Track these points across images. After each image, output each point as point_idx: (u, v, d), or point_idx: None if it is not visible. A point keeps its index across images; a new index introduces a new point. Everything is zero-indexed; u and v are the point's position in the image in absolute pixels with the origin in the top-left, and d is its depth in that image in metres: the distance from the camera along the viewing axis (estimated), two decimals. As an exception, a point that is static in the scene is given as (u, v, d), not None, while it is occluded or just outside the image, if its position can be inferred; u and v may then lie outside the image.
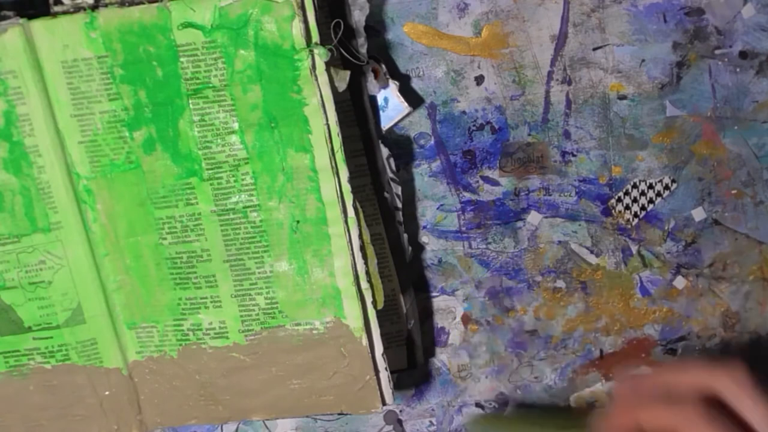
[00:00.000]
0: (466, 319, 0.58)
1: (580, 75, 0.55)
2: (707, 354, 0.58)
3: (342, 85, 0.49)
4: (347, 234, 0.50)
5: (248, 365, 0.53)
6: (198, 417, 0.55)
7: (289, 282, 0.51)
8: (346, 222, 0.50)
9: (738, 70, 0.54)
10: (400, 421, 0.59)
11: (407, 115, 0.54)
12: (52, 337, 0.53)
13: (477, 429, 0.58)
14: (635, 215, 0.56)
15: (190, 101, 0.49)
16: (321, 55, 0.47)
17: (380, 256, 0.53)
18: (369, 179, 0.54)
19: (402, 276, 0.55)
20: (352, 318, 0.51)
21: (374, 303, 0.51)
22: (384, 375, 0.52)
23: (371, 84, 0.52)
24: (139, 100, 0.49)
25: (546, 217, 0.57)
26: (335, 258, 0.51)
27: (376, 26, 0.53)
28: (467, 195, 0.56)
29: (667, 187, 0.56)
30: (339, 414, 0.59)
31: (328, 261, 0.51)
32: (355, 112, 0.53)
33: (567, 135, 0.56)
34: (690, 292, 0.57)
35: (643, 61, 0.54)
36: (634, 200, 0.56)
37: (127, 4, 0.48)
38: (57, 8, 0.49)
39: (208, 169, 0.50)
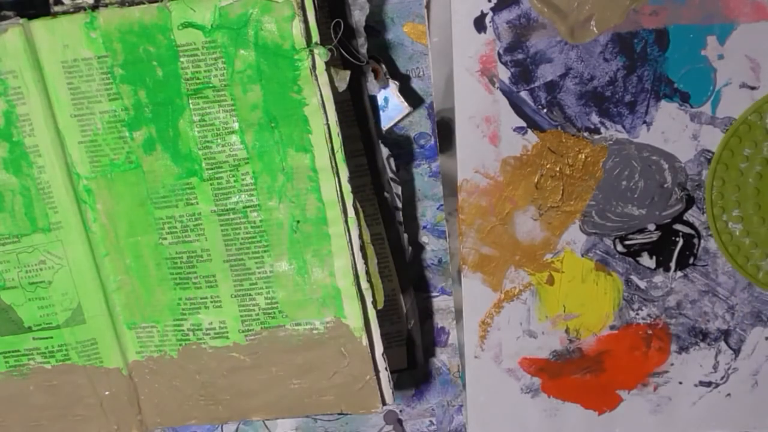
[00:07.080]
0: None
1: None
2: None
3: (342, 85, 0.49)
4: (347, 234, 0.50)
5: (248, 365, 0.53)
6: (198, 417, 0.55)
7: (289, 282, 0.51)
8: (346, 222, 0.50)
9: None
10: (400, 421, 0.59)
11: (407, 115, 0.54)
12: (52, 337, 0.53)
13: None
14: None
15: (190, 101, 0.49)
16: (321, 55, 0.47)
17: (380, 256, 0.53)
18: (369, 179, 0.54)
19: (402, 276, 0.55)
20: (352, 318, 0.51)
21: (374, 303, 0.51)
22: (384, 375, 0.52)
23: (371, 84, 0.52)
24: (139, 100, 0.49)
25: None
26: (335, 258, 0.50)
27: (376, 26, 0.53)
28: (467, 195, 0.56)
29: None
30: (339, 414, 0.59)
31: (328, 261, 0.51)
32: (355, 112, 0.52)
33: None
34: None
35: None
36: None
37: (127, 4, 0.48)
38: (57, 8, 0.49)
39: (208, 169, 0.50)
